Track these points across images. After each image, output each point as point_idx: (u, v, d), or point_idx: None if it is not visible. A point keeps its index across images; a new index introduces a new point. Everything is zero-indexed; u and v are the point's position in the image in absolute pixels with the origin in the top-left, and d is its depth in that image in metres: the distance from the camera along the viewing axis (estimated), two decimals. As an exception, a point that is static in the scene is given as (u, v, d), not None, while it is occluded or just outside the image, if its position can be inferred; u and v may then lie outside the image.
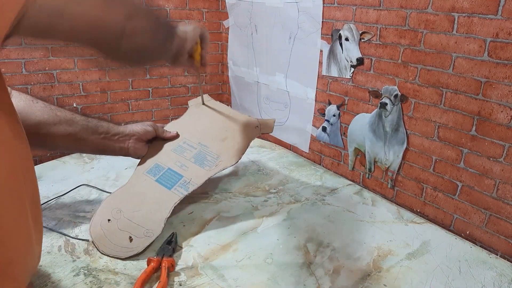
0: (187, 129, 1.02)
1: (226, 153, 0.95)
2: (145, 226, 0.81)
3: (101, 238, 0.79)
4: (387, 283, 0.75)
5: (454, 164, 0.96)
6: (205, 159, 0.93)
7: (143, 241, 0.78)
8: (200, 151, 0.96)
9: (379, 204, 1.05)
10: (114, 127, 0.93)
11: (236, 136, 0.99)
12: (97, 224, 0.81)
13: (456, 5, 0.88)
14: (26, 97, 0.82)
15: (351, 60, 1.15)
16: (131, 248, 0.76)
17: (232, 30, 1.67)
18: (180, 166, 0.93)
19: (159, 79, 1.66)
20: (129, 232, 0.79)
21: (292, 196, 1.06)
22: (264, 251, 0.83)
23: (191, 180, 0.89)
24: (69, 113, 0.87)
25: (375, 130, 1.12)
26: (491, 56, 0.84)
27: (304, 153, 1.40)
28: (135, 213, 0.83)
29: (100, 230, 0.80)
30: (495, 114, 0.86)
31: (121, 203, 0.87)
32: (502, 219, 0.88)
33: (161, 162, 0.95)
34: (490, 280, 0.77)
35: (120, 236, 0.78)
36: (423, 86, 0.98)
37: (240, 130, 1.01)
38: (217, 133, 1.00)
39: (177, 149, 0.97)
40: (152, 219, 0.82)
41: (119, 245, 0.77)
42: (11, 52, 1.35)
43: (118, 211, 0.84)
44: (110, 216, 0.83)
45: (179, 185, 0.88)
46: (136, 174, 0.94)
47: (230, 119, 1.04)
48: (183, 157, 0.95)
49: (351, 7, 1.12)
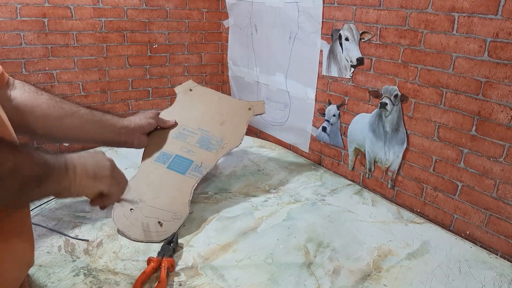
0: (183, 116, 1.03)
1: (228, 135, 0.98)
2: (171, 210, 0.82)
3: (129, 227, 0.80)
4: (387, 283, 0.75)
5: (454, 164, 0.96)
6: (210, 143, 0.96)
7: (174, 224, 0.79)
8: (202, 136, 0.98)
9: (379, 204, 1.05)
10: (119, 120, 0.93)
11: (234, 118, 1.02)
12: (120, 215, 0.82)
13: (456, 5, 0.88)
14: (30, 88, 0.82)
15: (351, 60, 1.15)
16: (164, 231, 0.77)
17: (232, 30, 1.67)
18: (187, 151, 0.94)
19: (159, 79, 1.66)
20: (156, 217, 0.80)
21: (292, 196, 1.06)
22: (264, 251, 0.83)
23: (202, 164, 0.92)
24: (74, 106, 0.86)
25: (375, 130, 1.12)
26: (491, 56, 0.84)
27: (304, 153, 1.40)
28: (157, 200, 0.85)
29: (125, 220, 0.81)
30: (495, 114, 0.86)
31: (138, 192, 0.87)
32: (502, 219, 0.88)
33: (166, 150, 0.96)
34: (490, 280, 0.77)
35: (148, 222, 0.79)
36: (423, 86, 0.98)
37: (235, 112, 1.04)
38: (214, 117, 1.02)
39: (179, 136, 0.99)
40: (176, 203, 0.84)
41: (150, 231, 0.77)
42: (11, 52, 1.35)
43: (138, 200, 0.85)
44: (131, 206, 0.83)
45: (192, 169, 0.90)
46: (144, 164, 0.95)
47: (222, 103, 1.06)
48: (187, 143, 0.97)
49: (351, 7, 1.12)
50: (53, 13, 1.38)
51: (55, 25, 1.39)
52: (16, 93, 0.79)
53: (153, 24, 1.58)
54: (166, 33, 1.62)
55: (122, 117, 0.95)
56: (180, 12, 1.62)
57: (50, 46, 1.41)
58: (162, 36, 1.61)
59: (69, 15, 1.41)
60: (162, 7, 1.58)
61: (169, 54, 1.65)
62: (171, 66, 1.67)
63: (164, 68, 1.66)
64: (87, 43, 1.47)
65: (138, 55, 1.58)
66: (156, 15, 1.57)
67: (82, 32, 1.45)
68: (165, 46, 1.63)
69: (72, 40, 1.44)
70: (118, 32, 1.52)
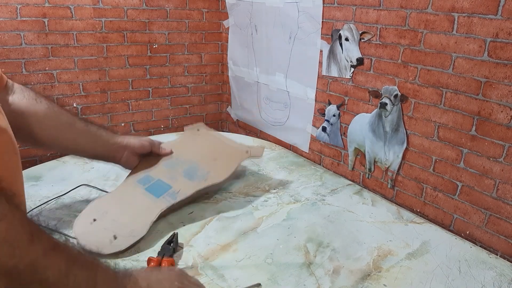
0: (181, 148, 1.06)
1: (215, 169, 0.99)
2: (131, 226, 0.82)
3: (84, 234, 0.80)
4: (387, 283, 0.75)
5: (454, 164, 0.96)
6: (195, 174, 0.97)
7: (127, 240, 0.79)
8: (190, 166, 1.00)
9: (379, 204, 1.05)
10: (113, 136, 0.94)
11: (227, 157, 1.04)
12: (81, 223, 0.83)
13: (456, 5, 0.88)
14: (30, 94, 0.82)
15: (351, 60, 1.15)
16: (115, 245, 0.77)
17: (232, 30, 1.67)
18: (170, 178, 0.96)
19: (159, 79, 1.66)
20: (113, 231, 0.80)
21: (292, 196, 1.06)
22: (264, 251, 0.83)
23: (179, 191, 0.92)
24: (71, 117, 0.88)
25: (375, 130, 1.12)
26: (491, 56, 0.84)
27: (304, 153, 1.40)
28: (122, 215, 0.85)
29: (84, 228, 0.81)
30: (495, 114, 0.86)
31: (108, 206, 0.89)
32: (502, 219, 0.88)
33: (151, 174, 0.98)
34: (490, 280, 0.77)
35: (104, 234, 0.79)
36: (423, 86, 0.98)
37: (231, 152, 1.06)
38: (209, 153, 1.05)
39: (168, 164, 1.01)
40: (138, 221, 0.84)
41: (102, 242, 0.78)
42: (11, 52, 1.35)
43: (104, 212, 0.86)
44: (96, 217, 0.84)
45: (168, 194, 0.91)
46: (126, 182, 0.96)
47: (222, 143, 1.10)
48: (174, 171, 0.99)
49: (351, 7, 1.12)
50: (53, 13, 1.38)
51: (55, 25, 1.40)
52: (15, 97, 0.79)
53: (153, 24, 1.58)
54: (166, 33, 1.62)
55: (116, 133, 0.96)
56: (180, 12, 1.63)
57: (50, 46, 1.41)
58: (162, 36, 1.61)
59: (69, 15, 1.41)
60: (162, 7, 1.58)
61: (169, 54, 1.66)
62: (171, 66, 1.68)
63: (164, 68, 1.66)
64: (87, 43, 1.47)
65: (138, 55, 1.59)
66: (156, 15, 1.57)
67: (82, 32, 1.45)
68: (165, 46, 1.63)
69: (72, 40, 1.44)
70: (118, 32, 1.52)
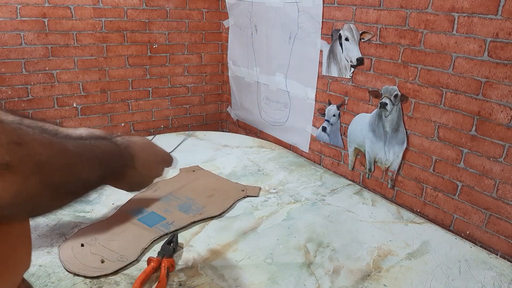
0: (176, 186, 1.08)
1: (211, 205, 1.00)
2: (120, 252, 0.80)
3: (70, 258, 0.78)
4: (387, 283, 0.75)
5: (454, 164, 0.96)
6: (190, 208, 0.98)
7: (115, 264, 0.77)
8: (186, 202, 1.01)
9: (379, 204, 1.05)
10: None
11: (223, 194, 1.05)
12: (68, 247, 0.81)
13: (456, 5, 0.88)
14: None
15: (351, 60, 1.15)
16: (101, 269, 0.75)
17: (232, 30, 1.67)
18: (164, 211, 0.96)
19: (159, 79, 1.66)
20: (101, 256, 0.79)
21: (292, 196, 1.06)
22: (264, 251, 0.83)
23: (173, 222, 0.91)
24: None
25: (375, 130, 1.12)
26: (491, 56, 0.84)
27: (304, 153, 1.40)
28: (111, 242, 0.83)
29: (70, 251, 0.80)
30: (495, 114, 0.86)
31: (97, 233, 0.87)
32: (502, 219, 0.88)
33: (145, 206, 0.98)
34: (490, 280, 0.77)
35: (91, 258, 0.77)
36: (423, 86, 0.98)
37: (227, 190, 1.07)
38: (205, 191, 1.06)
39: (164, 199, 1.02)
40: (128, 248, 0.82)
41: (88, 266, 0.76)
42: (11, 52, 1.35)
43: (93, 238, 0.84)
44: (83, 242, 0.83)
45: (161, 225, 0.90)
46: (117, 212, 0.95)
47: (218, 182, 1.12)
48: (168, 205, 0.99)
49: (351, 7, 1.12)
50: (53, 13, 1.38)
51: (55, 25, 1.40)
52: None
53: (153, 24, 1.58)
54: (166, 33, 1.62)
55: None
56: (180, 12, 1.62)
57: (50, 46, 1.41)
58: (162, 36, 1.61)
59: (69, 15, 1.41)
60: (162, 7, 1.58)
61: (169, 54, 1.65)
62: (171, 66, 1.67)
63: (164, 68, 1.66)
64: (87, 43, 1.47)
65: (138, 55, 1.58)
66: (156, 15, 1.57)
67: (82, 32, 1.45)
68: (165, 46, 1.63)
69: (72, 40, 1.44)
70: (118, 32, 1.52)
